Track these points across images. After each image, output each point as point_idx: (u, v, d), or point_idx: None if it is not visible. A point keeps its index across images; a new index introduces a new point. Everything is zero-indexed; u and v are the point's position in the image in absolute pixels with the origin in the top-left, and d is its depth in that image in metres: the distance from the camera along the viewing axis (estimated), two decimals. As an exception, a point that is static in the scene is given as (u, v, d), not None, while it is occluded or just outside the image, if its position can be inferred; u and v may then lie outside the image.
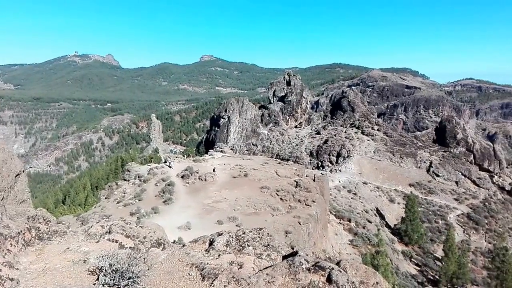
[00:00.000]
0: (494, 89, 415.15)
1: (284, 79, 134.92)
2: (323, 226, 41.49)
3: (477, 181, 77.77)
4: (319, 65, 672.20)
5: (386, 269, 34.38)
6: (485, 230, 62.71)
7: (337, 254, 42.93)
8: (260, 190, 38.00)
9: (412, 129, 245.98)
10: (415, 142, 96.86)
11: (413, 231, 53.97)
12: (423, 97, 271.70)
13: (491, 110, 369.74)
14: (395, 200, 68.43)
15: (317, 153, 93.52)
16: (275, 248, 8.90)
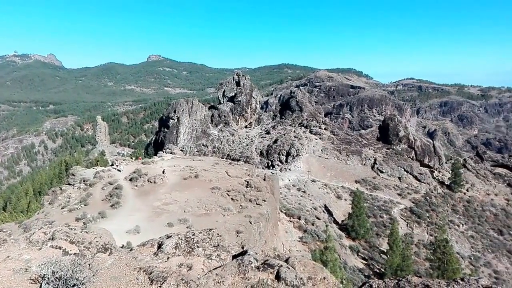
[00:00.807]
0: (433, 89, 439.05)
1: (234, 79, 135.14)
2: (274, 225, 42.04)
3: (419, 176, 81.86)
4: (268, 66, 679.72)
5: (334, 264, 35.37)
6: (426, 223, 66.12)
7: (287, 251, 43.63)
8: (211, 191, 37.84)
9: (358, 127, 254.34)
10: (360, 140, 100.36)
11: (360, 226, 55.94)
12: (367, 96, 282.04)
13: (430, 109, 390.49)
14: (342, 197, 70.53)
15: (267, 153, 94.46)
16: (225, 248, 8.95)
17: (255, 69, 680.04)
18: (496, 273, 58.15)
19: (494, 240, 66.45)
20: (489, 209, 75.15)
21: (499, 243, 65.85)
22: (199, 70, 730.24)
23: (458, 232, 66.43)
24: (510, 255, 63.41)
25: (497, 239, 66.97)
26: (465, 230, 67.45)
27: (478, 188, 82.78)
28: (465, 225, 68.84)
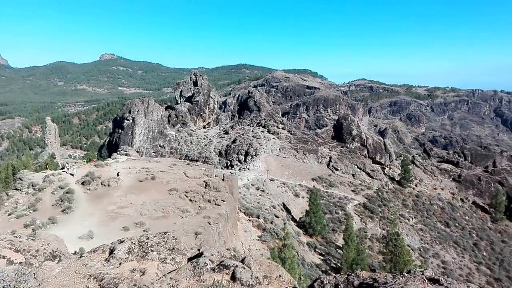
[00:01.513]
0: (384, 89, 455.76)
1: (191, 79, 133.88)
2: (233, 225, 42.13)
3: (371, 173, 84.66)
4: (226, 66, 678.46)
5: (292, 261, 35.94)
6: (379, 217, 68.54)
7: (247, 250, 43.90)
8: (168, 193, 37.39)
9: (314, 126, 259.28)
10: (316, 139, 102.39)
11: (317, 223, 57.14)
12: (322, 96, 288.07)
13: (381, 108, 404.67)
14: (300, 195, 71.71)
15: (226, 153, 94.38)
16: (181, 251, 8.97)
17: (212, 69, 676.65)
18: (444, 263, 61.24)
19: (442, 232, 69.91)
20: (436, 203, 78.97)
21: (446, 234, 69.35)
22: (155, 70, 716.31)
23: (408, 225, 69.34)
24: (456, 245, 66.95)
25: (444, 231, 70.51)
26: (414, 224, 70.51)
27: (426, 183, 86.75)
28: (415, 219, 71.97)
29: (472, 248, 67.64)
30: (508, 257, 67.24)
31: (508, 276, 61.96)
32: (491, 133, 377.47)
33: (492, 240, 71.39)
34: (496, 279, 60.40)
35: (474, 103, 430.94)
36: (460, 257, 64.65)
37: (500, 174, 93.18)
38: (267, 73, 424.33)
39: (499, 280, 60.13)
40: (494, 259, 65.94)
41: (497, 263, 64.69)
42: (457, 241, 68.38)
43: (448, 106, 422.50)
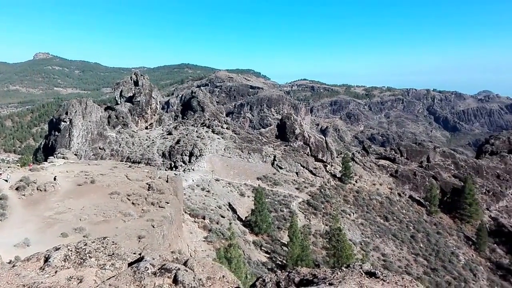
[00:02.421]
0: (324, 89, 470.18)
1: (131, 79, 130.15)
2: (178, 227, 41.56)
3: (314, 170, 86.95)
4: (168, 65, 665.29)
5: (238, 260, 36.12)
6: (322, 214, 70.56)
7: (192, 252, 43.50)
8: (109, 197, 36.16)
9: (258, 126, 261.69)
10: (261, 138, 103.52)
11: (262, 221, 57.78)
12: (266, 96, 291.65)
13: (322, 107, 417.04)
14: (245, 194, 72.16)
15: (169, 154, 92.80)
16: (121, 256, 8.74)
17: (154, 68, 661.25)
18: (384, 256, 64.20)
19: (381, 225, 73.27)
20: (376, 198, 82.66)
21: (385, 228, 72.77)
22: (93, 69, 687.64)
23: (350, 220, 71.98)
24: (395, 238, 70.45)
25: (384, 225, 73.97)
26: (355, 218, 73.32)
27: (365, 179, 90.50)
28: (356, 214, 74.85)
29: (409, 240, 71.44)
30: (443, 248, 71.78)
31: (444, 265, 66.19)
32: (424, 130, 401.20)
33: (428, 232, 75.84)
34: (432, 269, 64.28)
35: (408, 102, 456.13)
36: (399, 249, 68.06)
37: (433, 169, 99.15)
38: (210, 73, 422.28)
39: (435, 270, 64.08)
40: (430, 250, 70.10)
41: (433, 254, 68.84)
42: (395, 234, 71.89)
43: (385, 105, 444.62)
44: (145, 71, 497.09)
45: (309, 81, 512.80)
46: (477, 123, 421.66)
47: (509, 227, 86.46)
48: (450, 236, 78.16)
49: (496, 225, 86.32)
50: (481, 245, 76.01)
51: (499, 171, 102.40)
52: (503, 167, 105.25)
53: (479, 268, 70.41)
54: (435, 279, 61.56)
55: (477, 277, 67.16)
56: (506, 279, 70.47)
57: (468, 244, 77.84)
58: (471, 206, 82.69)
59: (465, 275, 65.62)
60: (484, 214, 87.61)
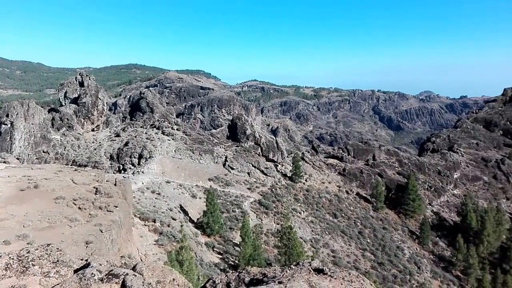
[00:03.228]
0: (274, 89, 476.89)
1: (77, 79, 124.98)
2: (128, 231, 40.47)
3: (265, 170, 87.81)
4: (115, 65, 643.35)
5: (190, 262, 35.84)
6: (273, 213, 71.40)
7: (143, 256, 42.57)
8: (54, 202, 34.55)
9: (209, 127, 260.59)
10: (212, 139, 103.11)
11: (214, 222, 57.59)
12: (217, 97, 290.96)
13: (273, 108, 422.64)
14: (197, 195, 71.55)
15: (118, 156, 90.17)
16: (66, 263, 8.45)
17: (100, 68, 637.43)
18: (333, 252, 66.03)
19: (330, 222, 75.30)
20: (325, 196, 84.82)
21: (334, 225, 74.86)
22: (36, 70, 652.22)
23: (300, 218, 73.40)
24: (344, 234, 72.65)
25: (333, 222, 76.06)
26: (306, 216, 74.88)
27: (315, 177, 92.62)
28: (306, 212, 76.44)
29: (357, 236, 73.92)
30: (389, 243, 74.90)
31: (390, 259, 69.10)
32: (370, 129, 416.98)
33: (375, 228, 78.83)
34: (379, 263, 66.93)
35: (355, 102, 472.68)
36: (347, 245, 70.25)
37: (379, 166, 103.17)
38: (159, 73, 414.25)
39: (382, 264, 66.78)
40: (377, 245, 72.93)
41: (380, 249, 71.68)
42: (344, 230, 74.14)
43: (333, 105, 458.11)
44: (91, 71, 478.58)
45: (259, 82, 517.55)
46: (419, 122, 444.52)
47: (450, 221, 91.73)
48: (395, 231, 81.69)
49: (438, 219, 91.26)
50: (424, 238, 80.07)
51: (440, 168, 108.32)
52: (443, 163, 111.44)
53: (423, 260, 74.14)
54: (382, 273, 64.14)
55: (421, 269, 70.72)
56: (448, 271, 74.75)
57: (412, 238, 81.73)
58: (414, 201, 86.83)
59: (410, 268, 68.87)
60: (427, 209, 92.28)
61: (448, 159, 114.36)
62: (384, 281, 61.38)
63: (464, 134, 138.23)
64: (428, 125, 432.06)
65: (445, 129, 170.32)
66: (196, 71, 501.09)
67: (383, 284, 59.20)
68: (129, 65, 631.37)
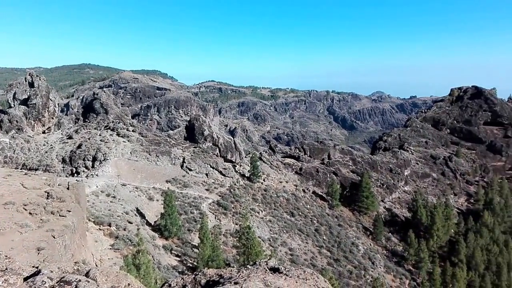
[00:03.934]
0: (232, 90, 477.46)
1: (26, 80, 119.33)
2: (82, 236, 39.40)
3: (223, 171, 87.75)
4: (67, 65, 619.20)
5: (147, 266, 35.44)
6: (232, 213, 71.55)
7: (98, 261, 41.57)
8: (3, 207, 33.09)
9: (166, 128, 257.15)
10: (169, 140, 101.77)
11: (172, 225, 57.01)
12: (174, 98, 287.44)
13: (230, 109, 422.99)
14: (154, 198, 70.47)
15: (70, 159, 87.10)
16: (16, 271, 8.32)
17: (52, 68, 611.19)
18: (291, 250, 67.10)
19: (288, 221, 76.46)
20: (282, 195, 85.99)
21: (291, 223, 76.09)
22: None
23: (259, 218, 74.06)
24: (301, 233, 73.99)
25: (290, 220, 77.28)
26: (264, 216, 75.63)
27: (272, 177, 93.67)
28: (264, 211, 77.21)
29: (314, 233, 75.49)
30: (344, 239, 77.01)
31: (345, 256, 71.09)
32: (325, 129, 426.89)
33: (331, 225, 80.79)
34: (335, 259, 68.74)
35: (310, 103, 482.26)
36: (304, 243, 71.60)
37: (334, 165, 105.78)
38: (113, 73, 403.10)
39: (338, 260, 68.62)
40: (333, 242, 74.80)
41: (336, 245, 73.57)
42: (301, 228, 75.49)
43: (289, 105, 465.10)
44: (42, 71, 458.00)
45: (217, 82, 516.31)
46: (372, 122, 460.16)
47: (402, 216, 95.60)
48: (350, 228, 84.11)
49: (390, 215, 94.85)
50: (377, 234, 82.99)
51: (392, 166, 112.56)
52: (395, 161, 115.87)
53: (377, 256, 76.83)
54: (337, 269, 65.93)
55: (375, 264, 73.30)
56: (400, 265, 77.95)
57: (366, 234, 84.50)
58: (368, 198, 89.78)
59: (364, 264, 71.21)
60: (380, 205, 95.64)
61: (399, 157, 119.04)
62: (340, 277, 63.12)
63: (414, 133, 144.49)
64: (380, 124, 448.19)
65: (396, 128, 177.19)
66: (152, 72, 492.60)
67: (339, 280, 60.79)
68: (82, 65, 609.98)
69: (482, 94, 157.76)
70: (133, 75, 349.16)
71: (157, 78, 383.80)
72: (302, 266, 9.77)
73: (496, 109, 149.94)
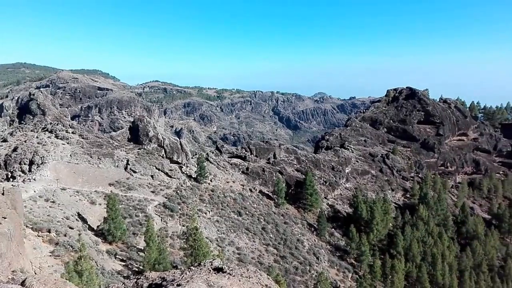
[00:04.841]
0: (177, 91, 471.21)
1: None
2: (19, 243, 37.57)
3: (169, 172, 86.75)
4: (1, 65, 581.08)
5: (90, 272, 34.61)
6: (179, 215, 70.97)
7: (37, 269, 39.86)
8: None
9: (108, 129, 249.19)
10: (112, 142, 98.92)
11: (116, 229, 55.65)
12: (116, 98, 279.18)
13: (176, 109, 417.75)
14: (97, 202, 68.34)
15: (5, 163, 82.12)
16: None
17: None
18: (238, 249, 67.81)
19: (235, 221, 77.12)
20: (230, 195, 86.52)
21: (239, 223, 76.83)
22: None
23: (206, 218, 74.08)
24: (248, 231, 74.92)
25: (237, 220, 77.98)
26: (211, 216, 75.77)
27: (219, 177, 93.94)
28: (211, 212, 77.34)
29: (261, 232, 76.69)
30: (290, 236, 78.88)
31: (291, 252, 72.91)
32: (271, 129, 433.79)
33: (277, 223, 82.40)
34: (281, 256, 70.29)
35: (256, 103, 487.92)
36: (251, 241, 72.58)
37: (279, 164, 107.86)
38: (51, 73, 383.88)
39: (284, 257, 70.24)
40: (279, 239, 76.40)
41: (282, 243, 75.22)
42: (248, 227, 76.42)
43: (235, 106, 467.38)
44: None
45: (161, 82, 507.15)
46: (314, 122, 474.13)
47: (344, 212, 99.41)
48: (295, 225, 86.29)
49: (333, 211, 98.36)
50: (321, 230, 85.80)
51: (334, 164, 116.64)
52: (336, 160, 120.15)
53: (321, 251, 79.49)
54: (284, 266, 67.54)
55: (320, 259, 75.84)
56: (343, 259, 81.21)
57: (311, 231, 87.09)
58: (312, 196, 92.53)
59: (309, 259, 73.44)
60: (323, 202, 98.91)
61: (340, 155, 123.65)
62: (287, 273, 64.74)
63: (354, 132, 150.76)
64: (322, 124, 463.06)
65: (337, 128, 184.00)
66: (93, 71, 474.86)
67: (286, 276, 62.34)
68: (16, 64, 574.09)
69: (415, 95, 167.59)
70: (72, 75, 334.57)
71: (98, 78, 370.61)
72: (246, 265, 10.15)
73: (428, 109, 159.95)
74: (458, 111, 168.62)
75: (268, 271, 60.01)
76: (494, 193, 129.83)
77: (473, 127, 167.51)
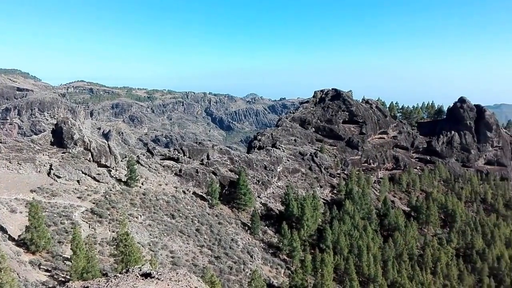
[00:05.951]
0: (105, 91, 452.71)
1: None
2: None
3: (97, 177, 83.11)
4: None
5: (12, 285, 32.48)
6: (108, 221, 68.21)
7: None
8: None
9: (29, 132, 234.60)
10: (33, 146, 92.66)
11: (39, 238, 52.39)
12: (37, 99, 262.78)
13: (103, 110, 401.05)
14: (17, 210, 63.76)
15: None
16: None
17: None
18: (172, 253, 66.81)
19: (168, 224, 75.86)
20: (162, 198, 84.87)
21: (172, 226, 75.67)
22: None
23: (138, 223, 72.09)
24: (182, 234, 74.07)
25: (171, 223, 76.76)
26: (143, 220, 73.85)
27: (151, 180, 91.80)
28: (143, 216, 75.36)
29: (195, 234, 76.13)
30: (224, 236, 79.11)
31: (226, 252, 73.14)
32: (204, 130, 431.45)
33: (211, 224, 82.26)
34: (216, 257, 70.30)
35: (188, 104, 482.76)
36: (186, 244, 71.83)
37: (213, 165, 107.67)
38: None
39: (219, 257, 70.31)
40: (214, 240, 76.33)
41: (216, 243, 75.23)
42: (182, 230, 75.53)
43: (167, 107, 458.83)
44: None
45: (87, 82, 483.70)
46: (247, 122, 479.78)
47: (276, 210, 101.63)
48: (229, 225, 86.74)
49: (266, 209, 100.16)
50: (255, 228, 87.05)
51: (266, 163, 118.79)
52: (268, 159, 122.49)
53: (255, 249, 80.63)
54: (218, 266, 67.71)
55: (254, 257, 76.92)
56: (276, 256, 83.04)
57: (245, 230, 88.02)
58: (245, 195, 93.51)
59: (243, 258, 74.25)
60: (256, 201, 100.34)
61: (272, 154, 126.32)
62: (221, 274, 64.98)
63: (284, 132, 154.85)
64: (255, 124, 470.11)
65: (268, 128, 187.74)
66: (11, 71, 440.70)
67: (220, 277, 62.63)
68: None
69: (340, 96, 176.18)
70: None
71: (17, 78, 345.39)
72: (180, 268, 10.10)
73: (352, 109, 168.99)
74: (379, 111, 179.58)
75: (202, 272, 59.96)
76: (413, 187, 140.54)
77: (392, 125, 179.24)
